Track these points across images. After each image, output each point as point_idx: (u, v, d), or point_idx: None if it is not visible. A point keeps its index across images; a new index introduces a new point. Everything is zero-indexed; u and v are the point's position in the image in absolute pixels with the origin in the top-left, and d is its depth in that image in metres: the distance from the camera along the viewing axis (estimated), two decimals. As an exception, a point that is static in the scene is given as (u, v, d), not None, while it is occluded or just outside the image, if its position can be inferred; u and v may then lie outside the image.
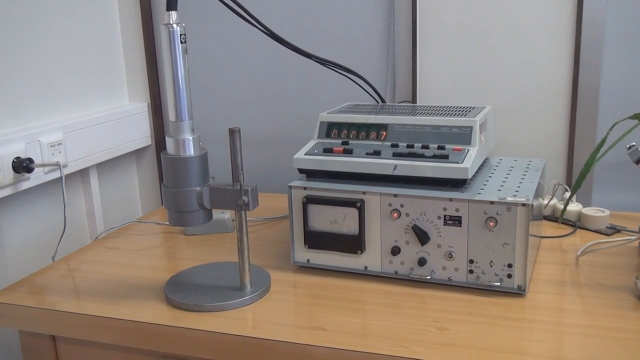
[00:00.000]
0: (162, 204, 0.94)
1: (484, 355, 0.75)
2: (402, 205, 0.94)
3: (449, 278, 0.93)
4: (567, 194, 1.21)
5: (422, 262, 0.94)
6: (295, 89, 1.45)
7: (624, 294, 0.90)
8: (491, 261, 0.90)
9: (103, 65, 1.45)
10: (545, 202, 1.22)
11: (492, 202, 0.89)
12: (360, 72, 1.17)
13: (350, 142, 1.04)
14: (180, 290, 0.94)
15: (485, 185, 0.97)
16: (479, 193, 0.92)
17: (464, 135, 0.98)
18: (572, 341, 0.78)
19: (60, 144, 1.25)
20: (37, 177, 1.20)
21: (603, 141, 0.92)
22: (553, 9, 1.24)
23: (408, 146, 0.99)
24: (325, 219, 0.98)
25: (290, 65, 1.44)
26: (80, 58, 1.38)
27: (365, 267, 0.98)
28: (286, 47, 1.08)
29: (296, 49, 1.08)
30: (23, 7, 1.22)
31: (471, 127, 0.98)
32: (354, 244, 0.97)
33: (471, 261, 0.91)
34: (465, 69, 1.32)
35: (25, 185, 1.18)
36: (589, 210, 1.18)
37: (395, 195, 0.94)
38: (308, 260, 1.01)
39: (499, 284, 0.90)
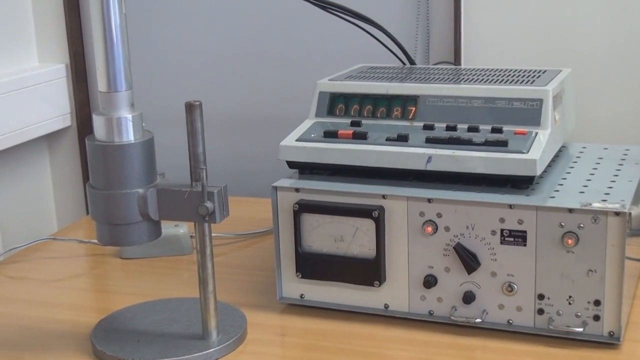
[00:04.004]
0: (88, 213, 0.94)
1: None
2: (439, 215, 0.94)
3: (508, 321, 0.94)
4: (681, 199, 1.21)
5: (469, 298, 0.94)
6: (283, 46, 1.45)
7: None
8: (570, 296, 0.90)
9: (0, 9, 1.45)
10: (649, 210, 1.23)
11: (571, 210, 0.89)
12: (378, 21, 1.17)
13: (364, 122, 1.04)
14: (115, 340, 0.94)
15: (561, 185, 0.97)
16: (553, 197, 0.93)
17: (531, 112, 0.98)
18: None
19: (-62, 125, 1.25)
20: None
21: None
22: None
23: (448, 128, 0.99)
24: (326, 236, 0.98)
25: (275, 11, 1.44)
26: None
27: (386, 306, 0.98)
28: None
29: (284, -15, 1.08)
30: None
31: (540, 100, 0.98)
32: (369, 271, 0.97)
33: (541, 296, 0.92)
34: (532, 15, 1.32)
35: None
36: None
37: (429, 200, 0.94)
38: (302, 296, 1.01)
39: (581, 329, 0.90)
